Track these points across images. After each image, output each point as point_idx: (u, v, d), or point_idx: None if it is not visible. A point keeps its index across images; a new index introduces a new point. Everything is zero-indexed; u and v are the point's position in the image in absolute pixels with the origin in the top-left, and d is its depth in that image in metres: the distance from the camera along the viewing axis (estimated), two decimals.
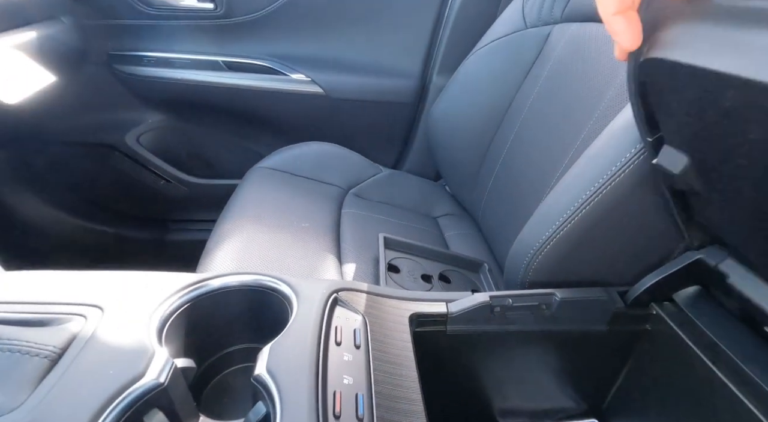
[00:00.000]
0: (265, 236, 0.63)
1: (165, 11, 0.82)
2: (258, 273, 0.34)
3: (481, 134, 0.79)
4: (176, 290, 0.32)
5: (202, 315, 0.33)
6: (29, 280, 0.31)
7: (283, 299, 0.33)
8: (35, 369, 0.23)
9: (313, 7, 0.86)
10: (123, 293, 0.31)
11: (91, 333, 0.27)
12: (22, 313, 0.27)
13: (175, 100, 0.90)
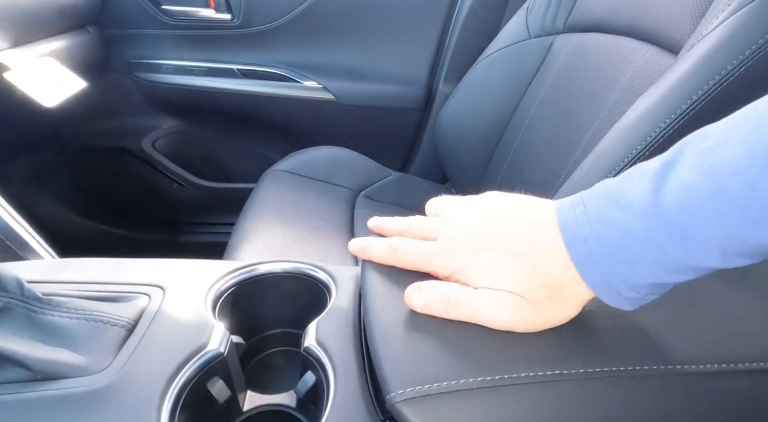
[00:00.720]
0: (284, 234, 0.66)
1: (184, 21, 0.86)
2: (299, 261, 0.37)
3: (487, 138, 0.83)
4: (226, 273, 0.35)
5: (247, 298, 0.36)
6: (89, 265, 0.34)
7: (321, 286, 0.36)
8: (115, 337, 0.26)
9: (325, 18, 0.90)
10: (180, 276, 0.34)
11: (157, 309, 0.30)
12: (93, 292, 0.30)
13: (191, 106, 0.93)
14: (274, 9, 0.87)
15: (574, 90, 0.63)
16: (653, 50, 0.51)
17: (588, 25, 0.65)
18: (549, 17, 0.73)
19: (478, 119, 0.85)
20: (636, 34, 0.55)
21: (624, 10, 0.58)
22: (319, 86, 0.94)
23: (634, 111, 0.41)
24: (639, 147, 0.38)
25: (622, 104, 0.53)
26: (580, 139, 0.59)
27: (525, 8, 0.78)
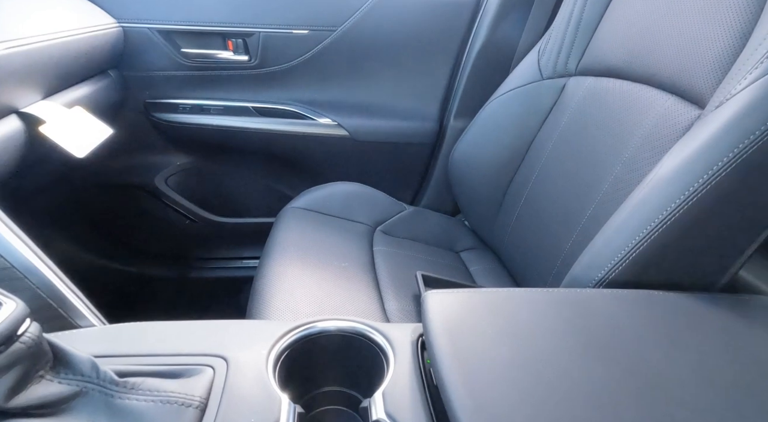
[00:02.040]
0: (310, 277, 0.66)
1: (202, 63, 0.87)
2: (353, 319, 0.37)
3: (501, 174, 0.85)
4: (283, 334, 0.35)
5: (302, 357, 0.36)
6: (145, 332, 0.34)
7: (377, 348, 0.36)
8: (190, 418, 0.26)
9: (339, 57, 0.92)
10: (238, 341, 0.33)
11: (224, 383, 0.29)
12: (156, 365, 0.30)
13: (206, 143, 0.94)
14: (290, 50, 0.89)
15: (592, 132, 0.65)
16: (673, 100, 0.54)
17: (602, 69, 0.68)
18: (561, 60, 0.76)
19: (491, 156, 0.87)
20: (654, 82, 0.57)
21: (640, 59, 0.60)
22: (333, 123, 0.95)
23: (670, 163, 0.42)
24: (678, 200, 0.40)
25: (644, 150, 0.55)
26: (601, 181, 0.60)
27: (537, 50, 0.81)
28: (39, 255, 0.37)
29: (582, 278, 0.46)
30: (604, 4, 0.70)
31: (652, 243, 0.41)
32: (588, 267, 0.46)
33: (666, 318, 0.36)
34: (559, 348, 0.32)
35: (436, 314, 0.34)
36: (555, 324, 0.34)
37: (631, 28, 0.63)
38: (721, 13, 0.49)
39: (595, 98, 0.68)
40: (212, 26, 0.83)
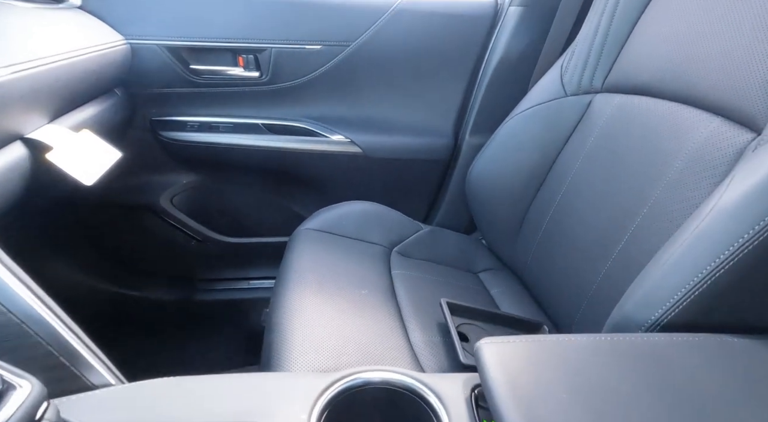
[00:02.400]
0: (330, 308, 0.62)
1: (211, 80, 0.84)
2: (399, 371, 0.34)
3: (523, 193, 0.82)
4: (322, 391, 0.31)
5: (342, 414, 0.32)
6: (166, 391, 0.30)
7: (424, 403, 0.33)
8: None
9: (352, 73, 0.90)
10: (274, 400, 0.30)
11: None
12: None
13: (214, 162, 0.90)
14: (302, 66, 0.87)
15: (626, 153, 0.62)
16: (719, 121, 0.51)
17: (632, 87, 0.65)
18: (586, 76, 0.74)
19: (512, 174, 0.84)
20: (694, 102, 0.55)
21: (676, 77, 0.58)
22: (346, 140, 0.92)
23: (733, 194, 0.39)
24: (746, 235, 0.36)
25: (688, 175, 0.52)
26: (639, 204, 0.57)
27: (559, 65, 0.78)
28: (47, 304, 0.33)
29: (635, 317, 0.42)
30: (633, 19, 0.67)
31: (716, 281, 0.38)
32: (642, 305, 0.42)
33: (748, 369, 0.32)
34: (638, 407, 0.28)
35: (494, 368, 0.31)
36: (629, 378, 0.31)
37: (665, 45, 0.60)
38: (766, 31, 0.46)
39: (627, 117, 0.65)
40: (222, 42, 0.80)
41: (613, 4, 0.69)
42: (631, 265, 0.57)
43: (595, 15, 0.72)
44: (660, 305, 0.40)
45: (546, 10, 0.84)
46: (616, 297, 0.58)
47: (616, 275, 0.59)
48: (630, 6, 0.67)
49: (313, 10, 0.84)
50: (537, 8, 0.84)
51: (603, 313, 0.61)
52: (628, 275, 0.56)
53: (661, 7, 0.63)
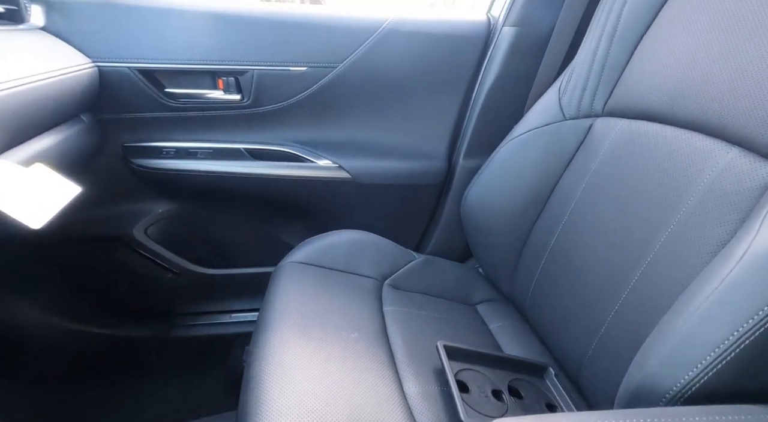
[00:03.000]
0: (315, 356, 0.56)
1: (189, 103, 0.79)
2: None
3: (521, 220, 0.78)
4: None
5: None
6: None
7: None
8: None
9: (341, 94, 0.85)
10: None
11: None
12: None
13: (192, 190, 0.84)
14: (286, 88, 0.82)
15: (634, 182, 0.58)
16: (736, 152, 0.47)
17: (637, 112, 0.62)
18: (586, 99, 0.70)
19: (510, 200, 0.79)
20: (706, 130, 0.51)
21: (685, 103, 0.54)
22: (333, 165, 0.87)
23: None
24: None
25: (707, 210, 0.48)
26: (652, 239, 0.53)
27: (557, 88, 0.74)
28: None
29: (661, 379, 0.37)
30: (634, 40, 0.64)
31: (757, 340, 0.33)
32: (670, 364, 0.37)
33: None
34: None
35: None
36: None
37: (671, 67, 0.57)
38: None
39: (633, 144, 0.61)
40: (201, 64, 0.75)
41: (612, 26, 0.66)
42: (645, 305, 0.52)
43: (594, 37, 0.69)
44: (692, 365, 0.35)
45: (541, 30, 0.81)
46: (629, 339, 0.52)
47: (630, 315, 0.54)
48: (630, 27, 0.64)
49: (298, 31, 0.80)
50: (531, 28, 0.81)
51: (615, 355, 0.55)
52: (643, 316, 0.52)
53: (666, 28, 0.60)
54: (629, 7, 0.64)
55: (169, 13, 0.73)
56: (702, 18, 0.54)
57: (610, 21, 0.66)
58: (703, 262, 0.46)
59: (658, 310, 0.47)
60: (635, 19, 0.63)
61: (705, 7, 0.54)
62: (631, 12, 0.63)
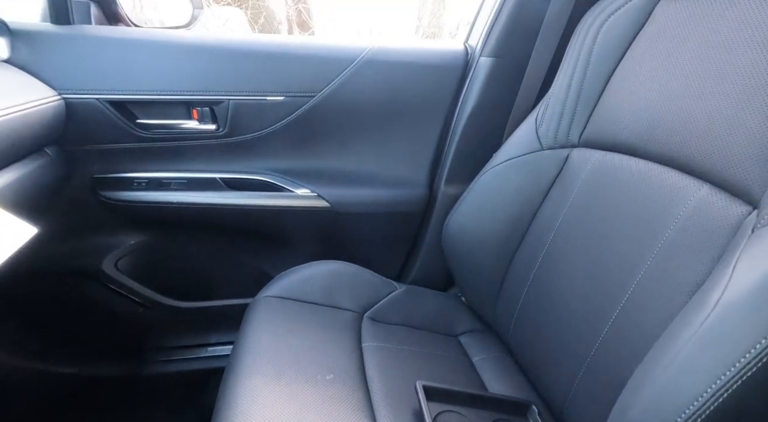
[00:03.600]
0: (288, 401, 0.53)
1: (161, 134, 0.77)
2: None
3: (502, 249, 0.77)
4: None
5: None
6: None
7: None
8: None
9: (320, 123, 0.84)
10: None
11: None
12: None
13: (165, 221, 0.82)
14: (263, 117, 0.81)
15: (611, 215, 0.58)
16: (708, 189, 0.47)
17: (611, 144, 0.62)
18: (562, 129, 0.70)
19: (490, 229, 0.78)
20: (678, 165, 0.51)
21: (657, 137, 0.54)
22: (312, 194, 0.85)
23: (745, 283, 0.34)
24: (765, 341, 0.31)
25: (681, 248, 0.47)
26: (631, 273, 0.52)
27: (534, 118, 0.75)
28: None
29: None
30: (607, 73, 0.65)
31: (736, 391, 0.32)
32: (650, 416, 0.36)
33: None
34: None
35: None
36: None
37: (643, 101, 0.57)
38: (757, 98, 0.43)
39: (608, 175, 0.61)
40: (174, 95, 0.74)
41: (585, 59, 0.67)
42: (626, 344, 0.51)
43: (568, 68, 0.69)
44: (673, 416, 0.34)
45: (517, 61, 0.82)
46: (611, 380, 0.51)
47: (610, 355, 0.53)
48: (603, 60, 0.65)
49: (276, 61, 0.79)
50: (508, 59, 0.82)
51: (597, 395, 0.54)
52: (624, 356, 0.50)
53: (635, 66, 0.61)
54: (600, 42, 0.65)
55: (142, 44, 0.72)
56: (668, 60, 0.55)
57: (583, 54, 0.67)
58: (682, 300, 0.45)
59: (639, 351, 0.46)
60: (606, 54, 0.64)
61: (669, 52, 0.55)
62: (602, 47, 0.64)
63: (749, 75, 0.44)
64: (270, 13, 3.07)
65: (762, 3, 0.45)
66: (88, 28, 0.71)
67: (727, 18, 0.48)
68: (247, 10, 3.14)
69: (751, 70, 0.44)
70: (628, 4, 0.62)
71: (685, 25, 0.53)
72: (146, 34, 0.74)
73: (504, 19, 0.80)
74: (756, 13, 0.45)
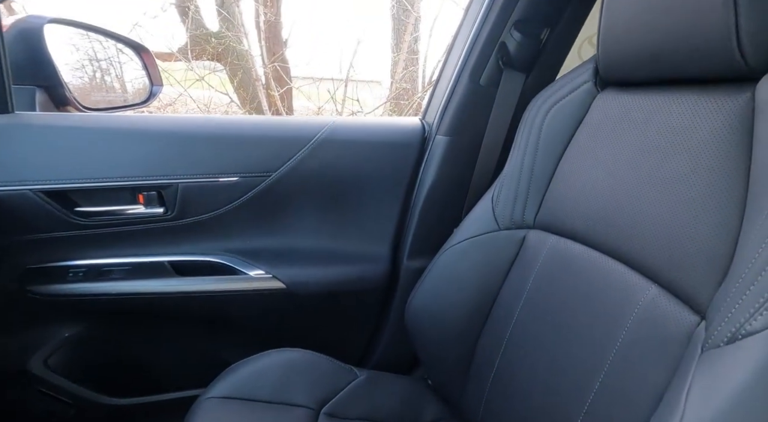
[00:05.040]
0: None
1: (104, 221, 0.73)
2: None
3: (466, 331, 0.73)
4: None
5: None
6: None
7: None
8: None
9: (274, 203, 0.82)
10: None
11: None
12: None
13: (103, 313, 0.75)
14: (216, 198, 0.78)
15: (569, 305, 0.56)
16: (656, 290, 0.45)
17: (564, 230, 0.61)
18: (517, 210, 0.70)
19: (452, 309, 0.75)
20: (627, 261, 0.50)
21: (605, 229, 0.54)
22: (267, 275, 0.81)
23: (702, 411, 0.31)
24: None
25: (638, 349, 0.45)
26: (592, 374, 0.49)
27: (490, 197, 0.74)
28: None
29: None
30: (555, 158, 0.66)
31: None
32: None
33: None
34: None
35: None
36: None
37: (588, 191, 0.57)
38: (698, 202, 0.43)
39: (563, 262, 0.60)
40: (118, 181, 0.71)
41: (534, 142, 0.68)
42: None
43: (519, 150, 0.70)
44: None
45: (472, 139, 0.83)
46: None
47: None
48: (550, 145, 0.66)
49: (229, 143, 0.78)
50: (463, 138, 0.83)
51: None
52: None
53: (580, 150, 0.62)
54: (546, 128, 0.66)
55: (84, 130, 0.69)
56: (608, 154, 0.55)
57: (532, 137, 0.68)
58: (645, 407, 0.42)
59: None
60: (554, 139, 0.65)
61: (609, 146, 0.56)
62: (548, 132, 0.66)
63: (679, 181, 0.45)
64: (247, 70, 3.17)
65: (686, 109, 0.46)
66: (29, 116, 0.69)
67: (654, 123, 0.49)
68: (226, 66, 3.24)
69: (679, 176, 0.45)
70: (570, 95, 0.64)
71: (619, 123, 0.55)
72: (89, 120, 0.72)
73: (457, 101, 0.82)
74: (680, 120, 0.46)
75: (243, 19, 2.99)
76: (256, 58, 3.04)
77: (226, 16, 3.01)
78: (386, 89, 3.46)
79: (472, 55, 0.78)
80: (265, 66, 3.06)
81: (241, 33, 2.95)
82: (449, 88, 0.82)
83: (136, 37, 3.00)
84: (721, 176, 0.41)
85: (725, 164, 0.41)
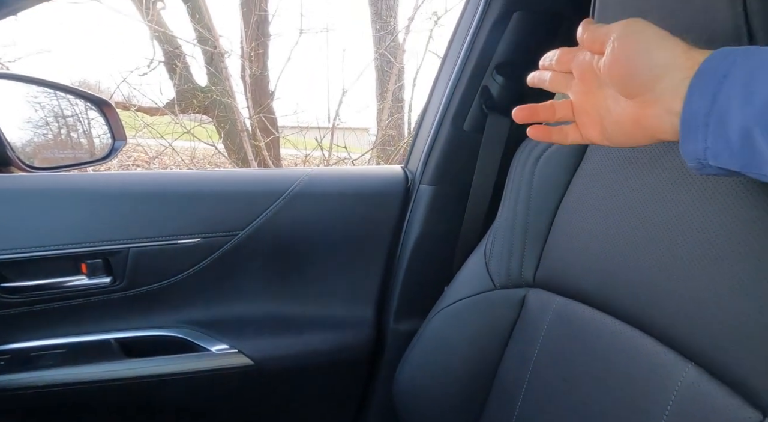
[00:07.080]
0: None
1: (37, 296, 0.63)
2: None
3: (465, 408, 0.63)
4: None
5: None
6: None
7: None
8: None
9: (240, 266, 0.73)
10: None
11: None
12: None
13: (32, 411, 0.63)
14: (174, 263, 0.69)
15: (587, 380, 0.46)
16: (695, 373, 0.36)
17: (570, 291, 0.53)
18: (514, 266, 0.62)
19: (447, 385, 0.65)
20: (654, 332, 0.41)
21: (619, 290, 0.45)
22: (231, 351, 0.70)
23: None
24: None
25: None
26: None
27: (482, 251, 0.66)
28: None
29: None
30: (551, 209, 0.58)
31: None
32: None
33: None
34: None
35: None
36: None
37: (592, 246, 0.50)
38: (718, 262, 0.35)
39: (573, 329, 0.51)
40: (54, 250, 0.62)
41: (526, 191, 0.61)
42: None
43: (511, 200, 0.63)
44: None
45: (458, 188, 0.77)
46: None
47: None
48: (544, 193, 0.59)
49: (190, 200, 0.70)
50: (448, 186, 0.77)
51: None
52: None
53: (577, 206, 0.54)
54: (539, 175, 0.60)
55: (15, 193, 0.61)
56: (608, 203, 0.49)
57: (523, 187, 0.61)
58: None
59: None
60: (547, 187, 0.59)
61: (608, 193, 0.49)
62: (541, 180, 0.59)
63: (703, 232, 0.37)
64: (233, 122, 3.17)
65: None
66: None
67: (664, 162, 0.43)
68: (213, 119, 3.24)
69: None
70: None
71: (622, 168, 0.48)
72: (24, 181, 0.64)
73: (440, 148, 0.76)
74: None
75: (229, 73, 3.04)
76: (242, 110, 3.07)
77: (213, 72, 3.06)
78: (373, 136, 3.49)
79: (453, 100, 0.74)
80: (251, 117, 3.08)
81: (227, 87, 2.99)
82: (431, 134, 0.77)
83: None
84: (756, 222, 0.34)
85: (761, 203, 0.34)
